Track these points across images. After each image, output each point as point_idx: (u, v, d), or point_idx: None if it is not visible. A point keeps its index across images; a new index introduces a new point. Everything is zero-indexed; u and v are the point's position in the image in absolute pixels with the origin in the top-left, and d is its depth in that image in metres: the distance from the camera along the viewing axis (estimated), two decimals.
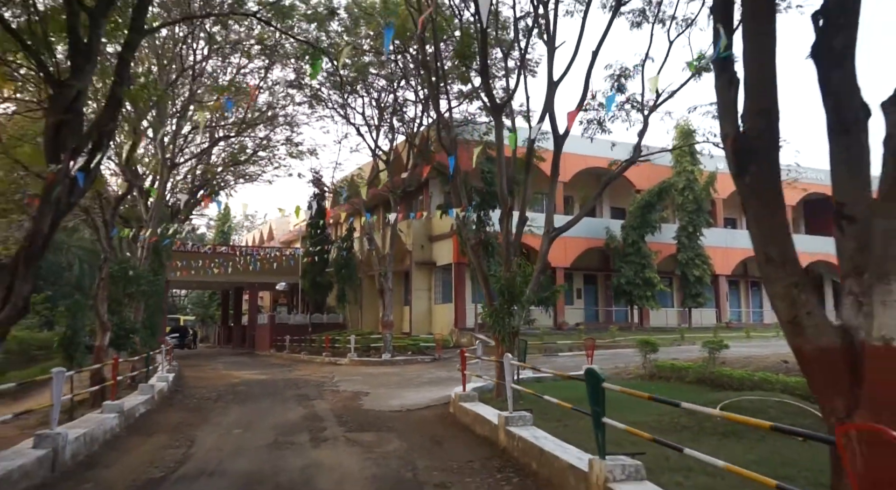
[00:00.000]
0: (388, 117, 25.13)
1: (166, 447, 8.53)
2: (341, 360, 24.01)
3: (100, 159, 7.76)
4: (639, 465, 5.18)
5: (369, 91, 24.56)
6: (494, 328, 11.17)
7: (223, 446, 8.57)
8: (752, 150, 4.25)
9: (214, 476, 6.87)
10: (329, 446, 8.43)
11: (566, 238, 26.51)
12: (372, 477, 6.70)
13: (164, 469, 7.21)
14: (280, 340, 32.38)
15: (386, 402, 12.78)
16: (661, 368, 13.72)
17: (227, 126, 24.00)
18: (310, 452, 8.03)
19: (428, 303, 30.36)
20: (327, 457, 7.75)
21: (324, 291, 33.31)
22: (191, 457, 7.89)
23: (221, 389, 16.06)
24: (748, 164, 4.26)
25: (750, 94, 4.30)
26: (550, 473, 6.22)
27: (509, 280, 10.86)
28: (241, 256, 31.97)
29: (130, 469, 7.26)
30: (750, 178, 4.28)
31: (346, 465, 7.27)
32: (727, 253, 32.54)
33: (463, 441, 8.62)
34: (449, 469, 6.97)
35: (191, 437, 9.21)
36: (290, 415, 11.42)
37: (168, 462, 7.58)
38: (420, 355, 23.59)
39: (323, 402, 13.12)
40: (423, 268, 30.01)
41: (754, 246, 4.32)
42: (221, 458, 7.75)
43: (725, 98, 4.50)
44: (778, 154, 4.31)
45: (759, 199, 4.27)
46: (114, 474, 7.04)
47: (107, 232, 12.39)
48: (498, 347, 11.51)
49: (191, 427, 10.19)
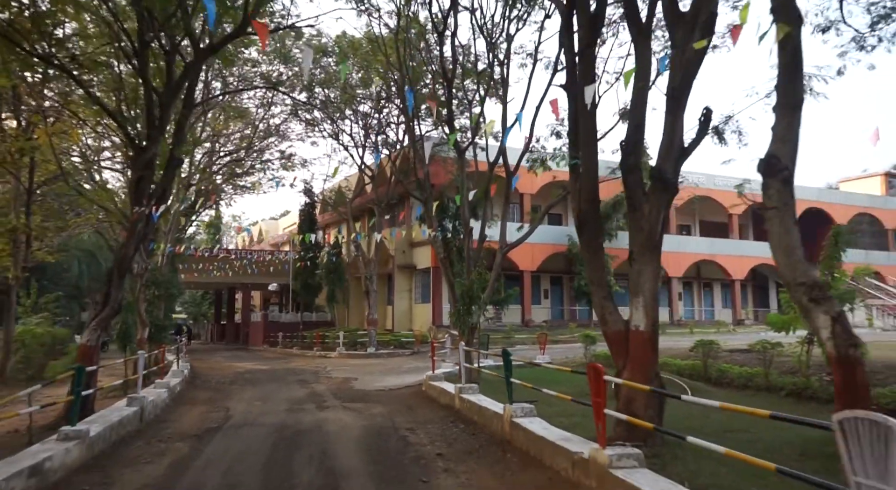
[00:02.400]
0: (374, 136, 28.14)
1: (209, 411, 11.54)
2: (331, 354, 26.99)
3: (167, 205, 10.74)
4: (532, 407, 8.29)
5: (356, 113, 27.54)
6: (457, 324, 14.28)
7: (251, 411, 11.59)
8: (585, 221, 7.40)
9: (254, 426, 9.91)
10: (330, 410, 11.48)
11: (534, 245, 29.83)
12: (363, 426, 9.77)
13: (215, 422, 10.23)
14: (273, 337, 35.25)
15: (371, 384, 15.83)
16: (598, 357, 16.93)
17: (231, 143, 26.91)
18: (317, 414, 11.09)
19: (409, 302, 33.47)
20: (330, 415, 10.81)
21: (314, 292, 36.21)
22: (231, 417, 10.91)
23: (232, 376, 19.00)
24: (583, 229, 7.42)
25: (584, 187, 7.44)
26: (483, 420, 9.35)
27: (468, 286, 13.96)
28: (238, 259, 34.80)
29: (191, 423, 10.27)
30: (584, 237, 7.43)
31: (344, 420, 10.34)
32: (679, 257, 35.96)
33: (429, 407, 11.70)
34: (417, 422, 10.05)
35: (225, 406, 12.23)
36: (295, 393, 14.45)
37: (216, 419, 10.60)
38: (401, 349, 26.67)
39: (320, 385, 16.13)
40: (404, 271, 33.11)
41: (587, 273, 7.47)
42: (254, 417, 10.79)
43: (573, 187, 7.64)
44: (600, 224, 7.46)
45: (588, 248, 7.42)
46: (182, 426, 10.05)
47: (145, 245, 15.18)
48: (460, 340, 14.61)
49: (221, 400, 13.20)
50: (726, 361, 13.14)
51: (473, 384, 11.16)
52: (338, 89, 23.95)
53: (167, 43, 10.29)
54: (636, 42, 7.06)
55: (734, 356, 13.92)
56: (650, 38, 7.28)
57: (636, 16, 7.18)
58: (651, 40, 7.22)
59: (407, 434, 9.00)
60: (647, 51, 7.07)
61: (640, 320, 6.55)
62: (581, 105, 7.18)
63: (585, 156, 7.28)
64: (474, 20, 16.09)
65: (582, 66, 7.44)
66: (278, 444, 8.43)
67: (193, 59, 10.45)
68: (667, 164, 6.36)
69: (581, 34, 7.47)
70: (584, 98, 7.09)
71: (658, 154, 6.46)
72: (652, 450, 6.29)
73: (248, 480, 6.51)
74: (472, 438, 8.57)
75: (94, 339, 9.75)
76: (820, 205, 41.99)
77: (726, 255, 38.31)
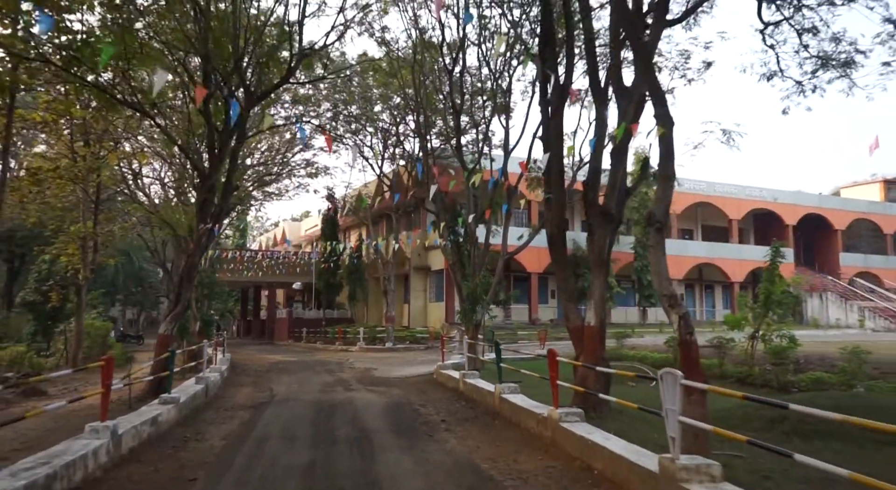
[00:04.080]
0: (392, 147, 30.54)
1: (256, 391, 13.98)
2: (352, 348, 29.45)
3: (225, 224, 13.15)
4: (516, 386, 10.56)
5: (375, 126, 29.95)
6: (463, 322, 16.60)
7: (291, 391, 14.01)
8: (555, 242, 9.64)
9: (296, 401, 12.30)
10: (356, 391, 13.86)
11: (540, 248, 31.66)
12: (384, 402, 12.12)
13: (264, 398, 12.66)
14: (297, 332, 37.85)
15: (390, 373, 18.19)
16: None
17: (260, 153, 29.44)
18: (345, 393, 13.47)
19: (424, 301, 35.88)
20: (357, 395, 13.19)
21: (335, 291, 38.74)
22: (276, 395, 13.33)
23: (266, 366, 21.50)
24: (553, 248, 9.66)
25: (554, 216, 9.68)
26: (479, 397, 11.64)
27: (473, 289, 16.28)
28: (265, 259, 37.45)
29: (244, 399, 12.70)
30: (554, 253, 9.68)
31: (368, 398, 12.70)
32: (679, 260, 37.85)
33: (439, 390, 14.02)
34: (427, 400, 12.38)
35: (268, 387, 14.67)
36: (325, 378, 16.86)
37: (264, 396, 13.02)
38: (416, 344, 29.07)
39: (345, 373, 18.54)
40: (419, 272, 35.51)
41: (557, 281, 9.72)
42: (294, 395, 13.19)
43: (547, 215, 9.89)
44: (565, 245, 9.69)
45: (557, 263, 9.67)
46: (238, 400, 12.48)
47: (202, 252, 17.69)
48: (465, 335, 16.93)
49: (263, 383, 15.65)
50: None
51: (475, 371, 13.46)
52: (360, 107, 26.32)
53: (226, 91, 12.72)
54: (596, 108, 9.28)
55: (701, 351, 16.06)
56: (606, 107, 9.44)
57: (598, 87, 9.40)
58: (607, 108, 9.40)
59: (419, 408, 11.33)
60: (604, 115, 9.27)
61: (591, 318, 8.78)
62: (553, 154, 9.40)
63: (555, 193, 9.51)
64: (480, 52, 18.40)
65: (554, 124, 9.65)
66: (318, 412, 10.82)
67: (245, 105, 12.86)
68: (611, 203, 8.56)
69: (553, 100, 9.70)
70: (555, 149, 9.33)
71: (605, 194, 8.67)
72: (600, 415, 8.54)
73: (301, 433, 8.89)
74: (470, 410, 10.88)
75: (170, 329, 12.22)
76: (820, 211, 43.64)
77: (726, 259, 40.20)
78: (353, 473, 6.55)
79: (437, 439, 8.46)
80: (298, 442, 8.22)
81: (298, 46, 12.80)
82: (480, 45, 18.21)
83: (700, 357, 14.94)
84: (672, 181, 6.83)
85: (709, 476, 4.87)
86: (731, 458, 6.33)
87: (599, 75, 9.75)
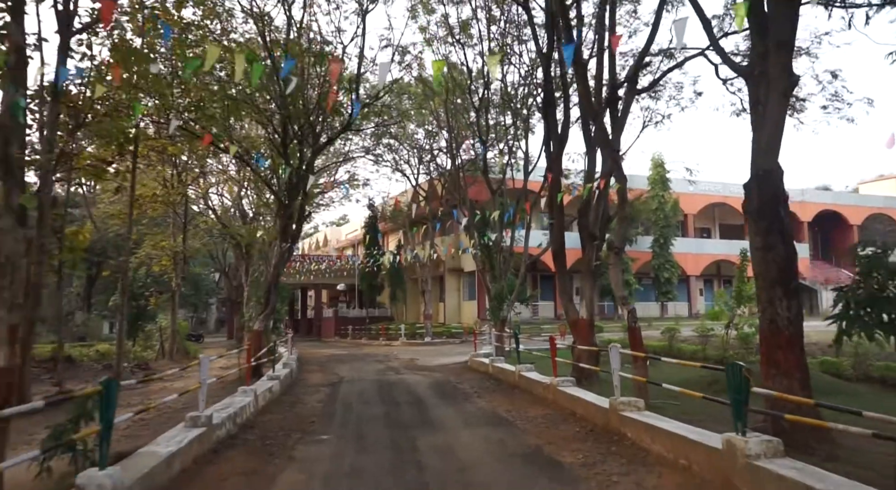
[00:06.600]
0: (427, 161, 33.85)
1: (327, 375, 17.43)
2: (395, 343, 32.89)
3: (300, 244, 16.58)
4: (531, 366, 13.71)
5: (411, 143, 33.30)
6: (492, 318, 19.79)
7: (354, 375, 17.41)
8: (556, 255, 12.74)
9: (361, 381, 15.68)
10: (406, 374, 17.19)
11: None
12: (429, 381, 15.40)
13: (336, 379, 16.07)
14: (343, 329, 41.52)
15: (431, 362, 21.49)
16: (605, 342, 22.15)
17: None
18: (397, 376, 16.81)
19: (458, 300, 39.23)
20: (406, 377, 16.52)
21: (377, 291, 42.33)
22: (343, 377, 16.74)
23: (323, 359, 25.02)
24: (555, 260, 12.77)
25: (555, 238, 12.76)
26: (504, 376, 14.82)
27: (499, 289, 19.46)
28: (314, 262, 41.25)
29: (320, 380, 16.13)
30: (556, 265, 12.79)
31: (416, 379, 16.01)
32: (697, 258, 40.40)
33: (472, 373, 17.25)
34: (463, 380, 15.62)
35: (335, 372, 18.12)
36: (377, 366, 20.25)
37: (334, 378, 16.45)
38: (452, 338, 32.40)
39: (393, 362, 21.91)
40: (453, 273, 38.84)
41: (559, 287, 12.82)
42: (357, 377, 16.59)
43: (551, 235, 12.98)
44: (565, 258, 12.78)
45: (560, 273, 12.77)
46: (316, 381, 15.92)
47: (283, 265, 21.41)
48: (495, 328, 20.14)
49: (329, 370, 19.10)
50: (684, 342, 18.21)
51: (501, 357, 16.66)
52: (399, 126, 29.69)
53: (301, 138, 16.15)
54: (588, 153, 12.36)
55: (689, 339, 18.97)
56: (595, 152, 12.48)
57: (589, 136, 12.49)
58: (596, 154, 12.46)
59: (456, 384, 14.60)
60: (594, 159, 12.35)
61: (584, 313, 11.88)
62: (554, 190, 12.50)
63: (556, 218, 12.60)
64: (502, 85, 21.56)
65: (555, 168, 12.73)
66: (380, 387, 14.17)
67: (315, 149, 16.28)
68: (595, 228, 11.62)
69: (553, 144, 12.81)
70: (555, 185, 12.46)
71: (590, 220, 11.78)
72: (591, 383, 11.66)
73: (372, 399, 12.22)
74: (496, 385, 14.10)
75: (262, 326, 15.71)
76: (835, 207, 45.49)
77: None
78: (414, 418, 9.84)
79: (471, 401, 11.71)
80: (372, 404, 11.56)
81: (356, 97, 16.17)
82: (504, 77, 21.39)
83: (685, 344, 17.99)
84: (628, 221, 9.89)
85: (636, 408, 8.00)
86: (670, 405, 9.40)
87: (590, 127, 12.83)
